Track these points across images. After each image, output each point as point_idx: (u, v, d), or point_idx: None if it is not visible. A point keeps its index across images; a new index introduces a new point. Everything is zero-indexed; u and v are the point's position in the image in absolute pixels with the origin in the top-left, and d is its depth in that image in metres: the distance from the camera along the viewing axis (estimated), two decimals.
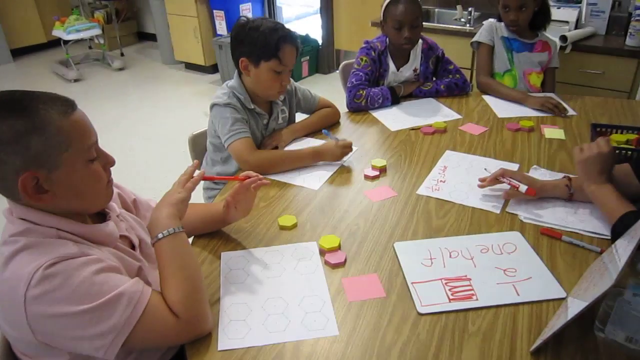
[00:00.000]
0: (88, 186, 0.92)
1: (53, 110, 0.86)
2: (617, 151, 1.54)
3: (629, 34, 2.64)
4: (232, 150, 1.56)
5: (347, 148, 1.58)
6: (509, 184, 1.35)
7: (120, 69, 5.38)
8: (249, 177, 1.18)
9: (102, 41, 5.39)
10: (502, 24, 2.24)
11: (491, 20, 2.29)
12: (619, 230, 1.10)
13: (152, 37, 6.04)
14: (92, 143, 0.92)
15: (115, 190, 1.12)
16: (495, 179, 1.38)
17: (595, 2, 2.81)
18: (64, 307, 0.82)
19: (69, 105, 0.89)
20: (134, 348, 0.95)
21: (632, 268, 0.86)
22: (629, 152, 1.52)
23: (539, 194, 1.34)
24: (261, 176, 1.19)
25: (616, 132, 1.70)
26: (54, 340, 0.86)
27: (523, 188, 1.31)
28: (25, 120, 0.83)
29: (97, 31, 5.14)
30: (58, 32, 4.98)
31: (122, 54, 5.76)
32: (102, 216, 1.02)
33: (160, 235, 0.97)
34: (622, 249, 0.88)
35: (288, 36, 1.54)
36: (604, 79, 2.71)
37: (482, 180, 1.41)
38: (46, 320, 0.83)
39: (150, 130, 3.99)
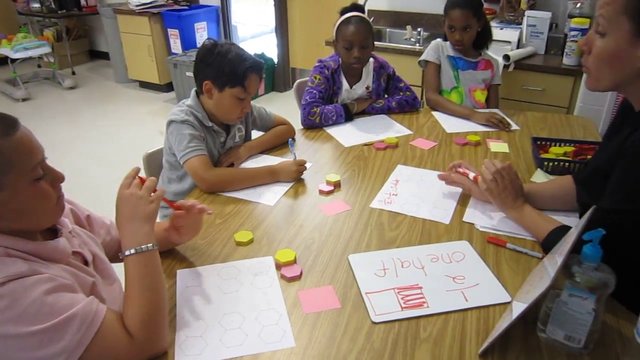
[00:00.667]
0: (35, 206, 0.91)
1: None
2: (555, 163, 1.64)
3: (565, 53, 2.81)
4: (188, 167, 1.56)
5: (302, 166, 1.62)
6: (462, 173, 1.46)
7: (72, 88, 5.26)
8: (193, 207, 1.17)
9: (52, 59, 5.27)
10: (448, 43, 2.35)
11: (438, 40, 2.40)
12: (548, 245, 1.17)
13: (104, 56, 5.94)
14: (38, 162, 0.90)
15: (68, 206, 1.10)
16: (453, 167, 1.49)
17: (534, 24, 2.98)
18: (13, 327, 0.80)
19: (9, 125, 0.87)
20: None
21: (567, 270, 0.92)
22: (567, 164, 1.62)
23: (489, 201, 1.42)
24: (206, 208, 1.19)
25: (555, 145, 1.80)
26: None
27: (471, 175, 1.43)
28: None
29: (46, 49, 5.02)
30: (4, 50, 4.83)
31: (73, 73, 5.64)
32: (53, 232, 1.00)
33: (133, 251, 0.96)
34: (559, 252, 0.94)
35: (255, 66, 1.59)
36: (544, 95, 2.87)
37: (441, 174, 1.53)
38: None
39: (104, 150, 3.91)
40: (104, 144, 4.01)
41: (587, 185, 1.28)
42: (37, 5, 5.34)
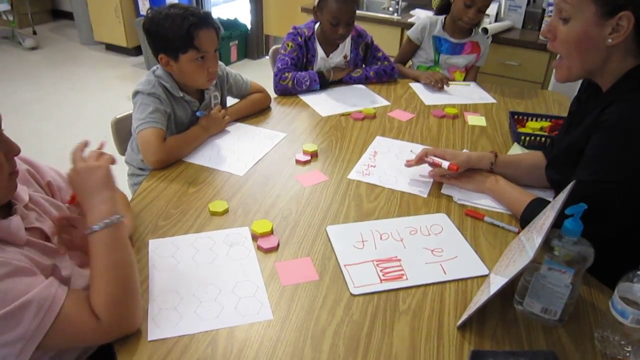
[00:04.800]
0: None
1: None
2: (532, 137, 1.64)
3: (542, 29, 2.81)
4: (143, 136, 1.46)
5: (224, 110, 1.67)
6: (431, 163, 1.41)
7: (33, 49, 5.00)
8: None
9: (11, 17, 4.98)
10: (439, 20, 2.29)
11: (430, 17, 2.34)
12: (527, 219, 1.16)
13: (68, 16, 5.66)
14: None
15: (26, 167, 1.02)
16: (420, 159, 1.42)
17: None
18: None
19: None
20: (51, 350, 0.90)
21: (547, 244, 0.92)
22: (543, 139, 1.63)
23: (464, 167, 1.38)
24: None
25: (531, 120, 1.81)
26: None
27: (445, 164, 1.37)
28: None
29: (4, 6, 4.76)
30: None
31: (34, 32, 5.35)
32: (7, 207, 0.92)
33: (96, 227, 0.89)
34: (538, 227, 0.94)
35: (200, 21, 1.46)
36: (520, 70, 2.87)
37: (408, 162, 1.46)
38: None
39: (68, 114, 3.75)
40: (68, 109, 3.85)
41: (557, 162, 1.29)
42: None
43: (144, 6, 4.54)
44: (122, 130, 1.73)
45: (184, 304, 0.98)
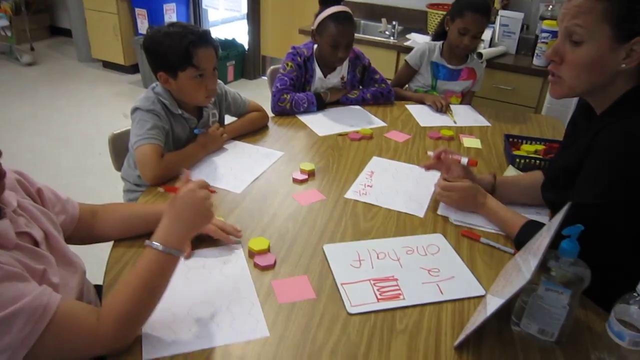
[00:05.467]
0: None
1: None
2: (527, 160, 1.66)
3: (535, 54, 2.86)
4: (141, 152, 1.46)
5: (221, 128, 1.68)
6: (455, 159, 1.42)
7: (30, 64, 5.02)
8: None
9: (9, 33, 5.00)
10: (437, 46, 2.32)
11: (428, 43, 2.37)
12: (521, 240, 1.18)
13: (66, 33, 5.69)
14: None
15: (15, 176, 1.01)
16: (438, 156, 1.44)
17: (507, 24, 3.02)
18: None
19: None
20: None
21: (544, 265, 0.92)
22: (537, 161, 1.65)
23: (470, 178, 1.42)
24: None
25: (526, 143, 1.83)
26: None
27: (464, 160, 1.41)
28: None
29: (3, 22, 4.78)
30: None
31: (32, 49, 5.37)
32: None
33: (155, 245, 0.91)
34: (534, 249, 0.95)
35: (199, 39, 1.47)
36: (514, 94, 2.92)
37: (426, 165, 1.50)
38: None
39: (63, 131, 3.75)
40: (64, 125, 3.84)
41: (553, 184, 1.31)
42: None
43: (143, 25, 4.59)
44: (118, 146, 1.73)
45: (178, 323, 0.96)
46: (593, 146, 1.11)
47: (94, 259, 1.26)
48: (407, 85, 2.46)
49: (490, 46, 3.03)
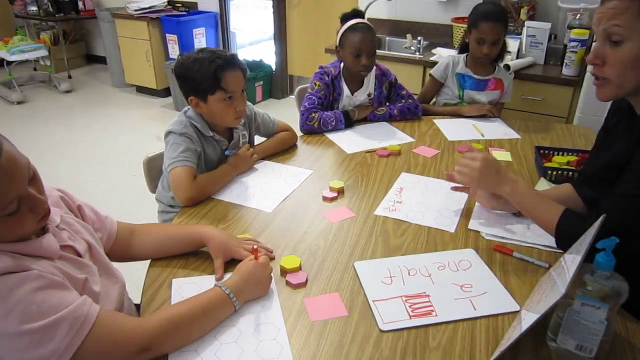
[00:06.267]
0: (8, 233, 0.86)
1: None
2: (559, 172, 1.64)
3: (565, 64, 2.82)
4: (175, 174, 1.51)
5: (252, 149, 1.72)
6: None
7: (68, 92, 5.24)
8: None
9: (48, 63, 5.24)
10: (462, 58, 2.33)
11: (452, 56, 2.38)
12: (565, 228, 1.15)
13: (101, 60, 5.93)
14: (14, 198, 0.83)
15: (58, 194, 1.07)
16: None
17: (534, 35, 3.00)
18: (0, 326, 0.79)
19: None
20: None
21: (579, 280, 0.91)
22: (570, 173, 1.62)
23: (496, 207, 1.41)
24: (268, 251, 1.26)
25: (558, 155, 1.80)
26: None
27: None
28: None
29: (43, 53, 5.00)
30: (1, 53, 4.81)
31: (69, 77, 5.61)
32: (41, 230, 0.95)
33: (228, 292, 1.03)
34: (570, 262, 0.93)
35: (226, 63, 1.52)
36: (544, 105, 2.88)
37: (447, 173, 1.45)
38: None
39: (99, 154, 3.88)
40: (100, 149, 3.99)
41: (593, 180, 1.30)
42: (34, 8, 5.32)
43: (174, 50, 4.73)
44: (153, 169, 1.79)
45: (205, 346, 0.97)
46: None
47: (130, 278, 1.29)
48: (434, 100, 2.46)
49: (517, 58, 3.01)
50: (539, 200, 1.24)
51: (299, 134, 2.02)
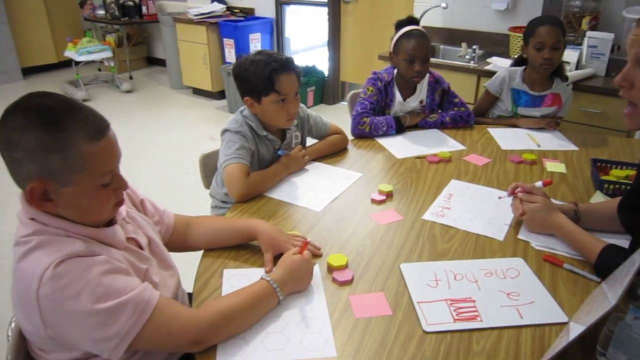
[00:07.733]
0: (91, 207, 0.95)
1: (82, 133, 0.88)
2: (616, 186, 1.59)
3: None
4: (229, 171, 1.57)
5: (304, 149, 1.76)
6: (522, 190, 1.42)
7: (128, 92, 5.48)
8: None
9: (112, 64, 5.51)
10: (519, 72, 2.27)
11: (509, 69, 2.34)
12: (602, 264, 1.15)
13: (161, 62, 6.18)
14: (110, 169, 0.94)
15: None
16: (513, 193, 1.44)
17: (595, 45, 2.91)
18: (71, 305, 0.85)
19: (100, 130, 0.91)
20: (141, 349, 0.97)
21: (632, 292, 0.88)
22: (628, 187, 1.57)
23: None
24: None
25: (616, 168, 1.75)
26: (63, 337, 0.88)
27: (539, 183, 1.42)
28: (51, 136, 0.86)
29: (108, 54, 5.26)
30: (70, 53, 5.09)
31: (130, 77, 5.87)
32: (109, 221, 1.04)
33: (274, 285, 1.06)
34: (623, 274, 0.91)
35: (281, 66, 1.57)
36: (603, 118, 2.78)
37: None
38: (55, 316, 0.86)
39: (155, 151, 4.05)
40: (156, 146, 4.15)
41: (625, 207, 1.26)
42: (102, 12, 5.61)
43: (230, 54, 4.87)
44: (208, 165, 1.86)
45: (251, 334, 1.01)
46: None
47: (182, 270, 1.36)
48: (490, 112, 2.42)
49: (577, 69, 2.92)
50: (585, 239, 1.26)
51: (350, 137, 2.05)
